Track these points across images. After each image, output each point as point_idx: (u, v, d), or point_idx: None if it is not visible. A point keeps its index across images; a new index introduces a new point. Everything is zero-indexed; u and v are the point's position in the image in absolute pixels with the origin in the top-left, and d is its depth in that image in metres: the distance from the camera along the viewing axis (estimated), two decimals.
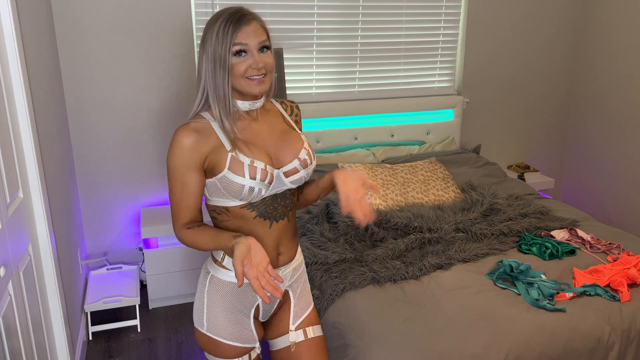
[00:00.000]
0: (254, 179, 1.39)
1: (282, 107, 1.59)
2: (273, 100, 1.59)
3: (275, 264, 1.53)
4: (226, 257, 1.50)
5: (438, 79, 3.66)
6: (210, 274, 1.54)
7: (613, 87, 3.70)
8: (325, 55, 3.34)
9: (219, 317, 1.52)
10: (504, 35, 3.69)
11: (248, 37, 1.36)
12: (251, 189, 1.39)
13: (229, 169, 1.38)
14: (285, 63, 3.23)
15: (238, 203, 1.43)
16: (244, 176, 1.38)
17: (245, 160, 1.39)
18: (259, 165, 1.40)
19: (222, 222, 1.49)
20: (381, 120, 3.49)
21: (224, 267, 1.51)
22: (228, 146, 1.40)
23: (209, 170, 1.41)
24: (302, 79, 3.35)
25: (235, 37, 1.35)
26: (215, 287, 1.52)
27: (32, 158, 1.98)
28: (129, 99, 3.02)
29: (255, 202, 1.45)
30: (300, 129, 1.62)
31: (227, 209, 1.46)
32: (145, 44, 2.98)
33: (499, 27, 3.66)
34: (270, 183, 1.42)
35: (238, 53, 1.36)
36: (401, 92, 3.58)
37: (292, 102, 1.63)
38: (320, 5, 3.24)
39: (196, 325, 1.56)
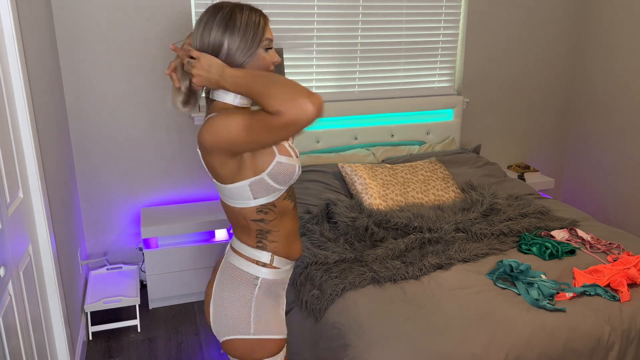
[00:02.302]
0: (298, 157, 1.42)
1: None
2: None
3: (298, 254, 1.56)
4: (275, 257, 1.47)
5: (438, 79, 3.66)
6: (259, 280, 1.46)
7: (613, 87, 3.70)
8: (325, 55, 3.34)
9: (267, 316, 1.47)
10: (504, 35, 3.69)
11: (271, 33, 1.41)
12: (299, 167, 1.42)
13: (279, 153, 1.37)
14: (285, 63, 3.23)
15: (281, 193, 1.43)
16: (291, 156, 1.40)
17: (284, 142, 1.41)
18: (290, 143, 1.44)
19: (268, 222, 1.44)
20: (381, 120, 3.49)
21: (274, 267, 1.47)
22: None
23: (244, 164, 1.35)
24: (302, 79, 3.35)
25: (266, 32, 1.39)
26: (266, 290, 1.47)
27: (32, 158, 1.98)
28: (129, 99, 3.02)
29: (289, 190, 1.47)
30: None
31: (274, 204, 1.42)
32: (145, 44, 2.98)
33: (499, 27, 3.66)
34: None
35: (267, 48, 1.39)
36: (401, 92, 3.58)
37: None
38: (320, 5, 3.24)
39: (235, 334, 1.46)
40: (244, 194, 1.38)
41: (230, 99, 1.39)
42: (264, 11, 1.46)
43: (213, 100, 1.42)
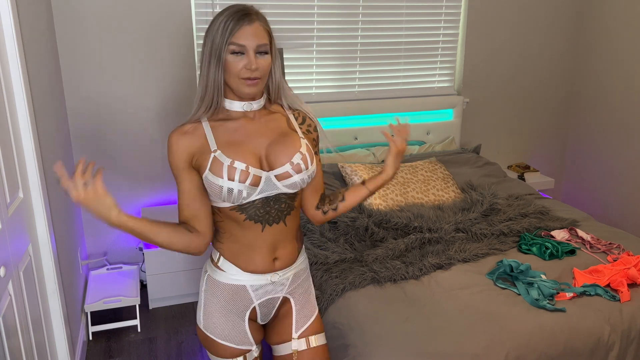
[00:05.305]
0: (233, 180, 1.36)
1: (293, 115, 1.52)
2: (286, 106, 1.52)
3: (271, 267, 1.51)
4: (221, 258, 1.50)
5: (438, 79, 3.66)
6: (207, 274, 1.54)
7: (613, 87, 3.70)
8: (325, 55, 3.34)
9: (214, 317, 1.53)
10: (504, 35, 3.69)
11: (247, 37, 1.34)
12: (230, 191, 1.36)
13: (209, 169, 1.37)
14: (285, 63, 3.23)
15: (227, 204, 1.42)
16: (222, 177, 1.36)
17: (226, 161, 1.37)
18: (239, 166, 1.37)
19: (218, 222, 1.49)
20: (381, 120, 3.49)
21: (219, 267, 1.51)
22: (213, 146, 1.39)
23: (197, 171, 1.43)
24: (302, 79, 3.35)
25: (233, 36, 1.33)
26: (212, 287, 1.53)
27: (32, 158, 1.98)
28: (129, 99, 3.02)
29: (245, 205, 1.42)
30: (314, 145, 1.54)
31: (219, 209, 1.46)
32: (145, 45, 2.98)
33: (499, 27, 3.66)
34: (255, 185, 1.39)
35: (235, 52, 1.34)
36: (401, 92, 3.58)
37: (308, 114, 1.55)
38: (320, 5, 3.24)
39: (197, 321, 1.58)
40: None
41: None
42: (264, 11, 1.43)
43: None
